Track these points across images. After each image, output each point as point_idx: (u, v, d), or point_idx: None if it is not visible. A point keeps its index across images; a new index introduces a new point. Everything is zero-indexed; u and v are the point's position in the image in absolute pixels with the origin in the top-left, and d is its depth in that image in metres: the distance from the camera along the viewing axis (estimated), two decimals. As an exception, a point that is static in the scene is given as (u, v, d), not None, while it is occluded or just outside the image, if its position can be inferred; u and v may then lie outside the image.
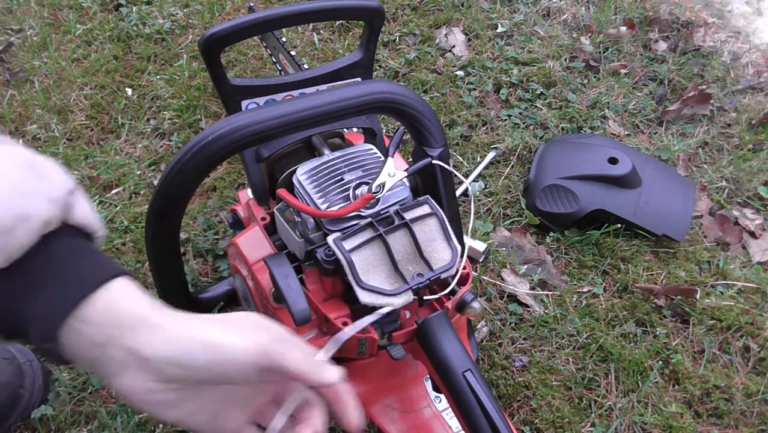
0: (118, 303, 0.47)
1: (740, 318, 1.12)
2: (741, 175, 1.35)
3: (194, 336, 0.46)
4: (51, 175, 0.48)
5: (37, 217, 0.45)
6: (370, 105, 0.72)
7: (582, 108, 1.48)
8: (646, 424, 1.00)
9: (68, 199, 0.48)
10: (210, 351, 0.45)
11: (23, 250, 0.45)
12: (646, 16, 1.72)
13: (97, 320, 0.46)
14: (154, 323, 0.46)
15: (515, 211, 1.28)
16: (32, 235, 0.45)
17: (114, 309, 0.46)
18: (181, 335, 0.46)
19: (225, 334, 0.46)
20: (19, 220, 0.44)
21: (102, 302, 0.46)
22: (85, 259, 0.48)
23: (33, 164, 0.47)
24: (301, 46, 1.59)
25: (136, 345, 0.45)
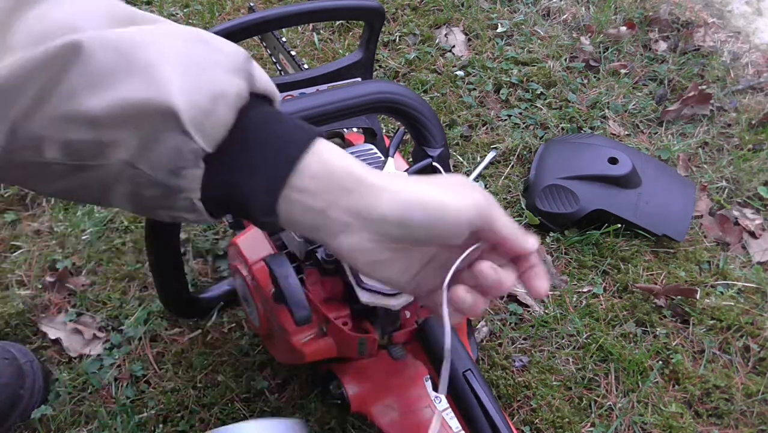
0: (331, 166, 0.46)
1: (740, 318, 1.12)
2: (741, 175, 1.35)
3: (415, 196, 0.46)
4: (223, 46, 0.47)
5: (230, 92, 0.44)
6: (370, 105, 0.72)
7: (582, 108, 1.48)
8: (646, 424, 1.00)
9: (248, 68, 0.47)
10: (431, 210, 0.45)
11: (227, 129, 0.44)
12: (646, 16, 1.72)
13: (314, 188, 0.45)
14: (374, 184, 0.45)
15: (515, 211, 1.28)
16: (231, 112, 0.44)
17: (329, 173, 0.45)
18: (402, 195, 0.45)
19: (445, 194, 0.46)
20: (216, 98, 0.43)
21: (314, 168, 0.45)
22: (283, 125, 0.47)
23: (202, 38, 0.46)
24: (301, 46, 1.59)
25: (358, 206, 0.45)
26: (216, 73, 0.44)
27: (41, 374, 0.99)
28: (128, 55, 0.42)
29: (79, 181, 0.45)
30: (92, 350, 1.05)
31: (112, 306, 1.10)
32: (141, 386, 1.01)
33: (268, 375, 1.02)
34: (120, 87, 0.42)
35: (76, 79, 0.41)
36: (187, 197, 0.46)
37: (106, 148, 0.43)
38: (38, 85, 0.41)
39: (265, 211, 0.46)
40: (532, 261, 0.49)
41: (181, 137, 0.42)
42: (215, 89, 0.43)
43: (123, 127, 0.42)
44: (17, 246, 1.18)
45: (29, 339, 1.06)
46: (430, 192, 0.46)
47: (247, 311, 0.92)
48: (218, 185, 0.46)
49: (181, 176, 0.44)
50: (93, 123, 0.42)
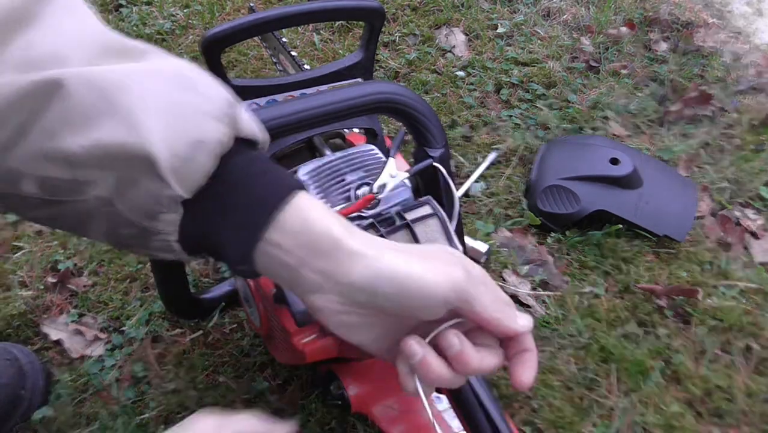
0: (311, 224, 0.45)
1: (742, 319, 1.12)
2: (742, 176, 1.35)
3: (387, 266, 0.44)
4: (209, 89, 0.45)
5: (211, 139, 0.43)
6: (370, 105, 0.72)
7: (583, 108, 1.48)
8: (648, 424, 1.00)
9: (232, 113, 0.46)
10: (399, 283, 0.44)
11: (206, 176, 0.44)
12: (646, 17, 1.72)
13: (290, 245, 0.45)
14: (350, 250, 0.45)
15: (516, 211, 1.28)
16: (211, 159, 0.44)
17: (307, 231, 0.45)
18: (374, 264, 0.44)
19: (420, 267, 0.45)
20: (196, 146, 0.43)
21: (291, 223, 0.45)
22: (264, 176, 0.46)
23: (187, 79, 0.45)
24: (301, 46, 1.59)
25: (330, 270, 0.45)
26: (198, 120, 0.43)
27: (42, 375, 0.99)
28: (110, 96, 0.41)
29: (56, 212, 0.45)
30: (94, 351, 1.05)
31: (113, 307, 1.10)
32: (142, 387, 1.01)
33: (268, 376, 1.02)
34: (100, 128, 0.41)
35: (56, 117, 0.41)
36: (164, 239, 0.46)
37: (82, 186, 0.43)
38: (18, 119, 0.40)
39: (240, 261, 0.46)
40: (522, 345, 0.48)
41: (158, 183, 0.42)
42: (196, 136, 0.43)
43: (100, 167, 0.42)
44: (19, 247, 1.18)
45: (31, 340, 1.06)
46: (404, 264, 0.45)
47: (248, 311, 0.92)
48: (195, 230, 0.46)
49: (157, 219, 0.44)
50: (71, 162, 0.41)
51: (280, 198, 0.45)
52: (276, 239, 0.45)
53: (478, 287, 0.45)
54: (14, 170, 0.42)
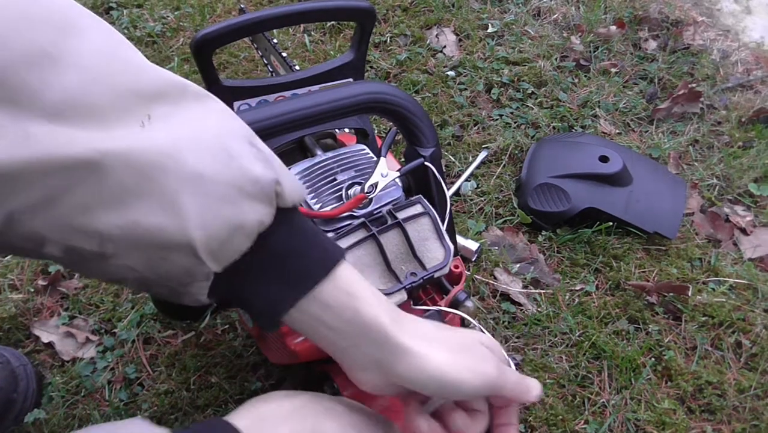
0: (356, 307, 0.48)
1: (732, 314, 1.13)
2: (731, 173, 1.36)
3: (435, 368, 0.49)
4: (251, 165, 0.43)
5: (251, 223, 0.43)
6: (361, 105, 0.73)
7: (573, 107, 1.48)
8: (640, 420, 1.00)
9: (275, 191, 0.44)
10: (444, 384, 0.49)
11: (241, 254, 0.44)
12: (635, 15, 1.73)
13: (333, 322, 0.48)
14: (399, 346, 0.48)
15: (507, 210, 1.29)
16: (248, 241, 0.43)
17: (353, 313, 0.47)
18: (422, 365, 0.48)
19: (461, 369, 0.49)
20: (234, 229, 0.42)
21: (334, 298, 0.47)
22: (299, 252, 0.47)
23: (229, 152, 0.43)
24: (292, 47, 1.59)
25: (380, 360, 0.49)
26: (238, 203, 0.42)
27: (34, 377, 0.99)
28: (148, 176, 0.40)
29: (81, 270, 0.45)
30: (85, 354, 1.05)
31: (104, 309, 1.10)
32: (134, 388, 1.01)
33: (261, 376, 1.02)
34: (137, 209, 0.40)
35: (91, 194, 0.39)
36: (194, 297, 0.46)
37: (110, 259, 0.42)
38: (51, 187, 0.38)
39: (269, 325, 0.48)
40: (509, 418, 0.55)
41: (193, 261, 0.42)
42: (235, 221, 0.42)
43: (134, 247, 0.41)
44: (9, 250, 1.17)
45: (22, 343, 1.06)
46: (447, 364, 0.49)
47: (241, 312, 0.92)
48: (226, 293, 0.47)
49: (189, 286, 0.45)
50: (102, 238, 0.40)
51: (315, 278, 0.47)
52: (316, 312, 0.47)
53: (507, 377, 0.52)
54: (38, 234, 0.40)
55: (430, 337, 0.51)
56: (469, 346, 0.52)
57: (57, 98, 0.38)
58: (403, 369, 0.48)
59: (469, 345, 0.52)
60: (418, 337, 0.50)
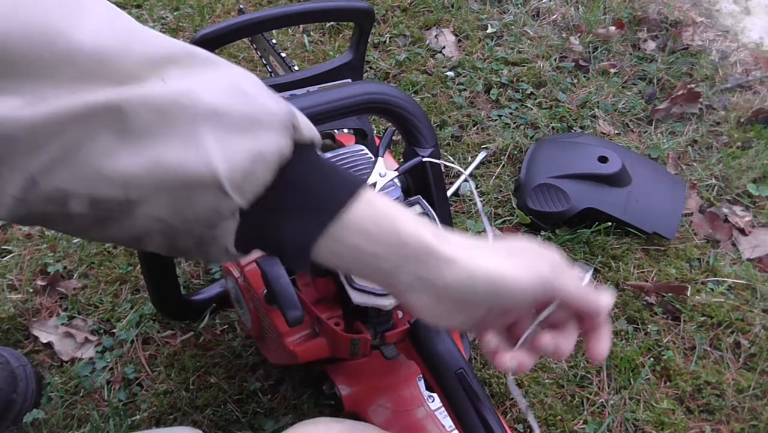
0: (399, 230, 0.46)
1: (731, 314, 1.13)
2: (730, 173, 1.36)
3: (481, 270, 0.47)
4: (267, 100, 0.45)
5: (271, 153, 0.43)
6: (360, 106, 0.73)
7: (572, 107, 1.49)
8: (638, 420, 1.00)
9: (291, 122, 0.45)
10: (494, 285, 0.47)
11: (265, 186, 0.44)
12: (634, 16, 1.73)
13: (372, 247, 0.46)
14: (443, 255, 0.46)
15: (506, 210, 1.29)
16: (271, 171, 0.44)
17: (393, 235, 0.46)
18: (469, 267, 0.47)
19: (510, 268, 0.47)
20: (256, 159, 0.42)
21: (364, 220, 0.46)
22: (327, 175, 0.47)
23: (244, 91, 0.44)
24: (291, 48, 1.59)
25: (426, 275, 0.47)
26: (258, 134, 0.43)
27: (34, 378, 0.99)
28: (169, 115, 0.40)
29: (111, 233, 0.44)
30: (84, 354, 1.05)
31: (103, 309, 1.10)
32: (133, 388, 1.01)
33: (260, 376, 1.02)
34: (159, 147, 0.40)
35: (113, 137, 0.39)
36: (222, 245, 0.46)
37: (135, 209, 0.42)
38: (71, 138, 0.38)
39: (299, 261, 0.46)
40: (598, 320, 0.51)
41: (219, 196, 0.42)
42: (256, 151, 0.42)
43: (158, 188, 0.41)
44: (8, 250, 1.17)
45: (21, 343, 1.06)
46: (496, 266, 0.47)
47: (240, 312, 0.92)
48: (254, 233, 0.46)
49: (216, 228, 0.44)
50: (125, 181, 0.40)
51: (340, 202, 0.45)
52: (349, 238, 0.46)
53: (563, 277, 0.49)
54: (61, 190, 0.40)
55: (476, 245, 0.49)
56: (522, 249, 0.49)
57: (78, 58, 0.39)
58: (451, 278, 0.46)
59: (521, 248, 0.49)
60: (463, 246, 0.48)
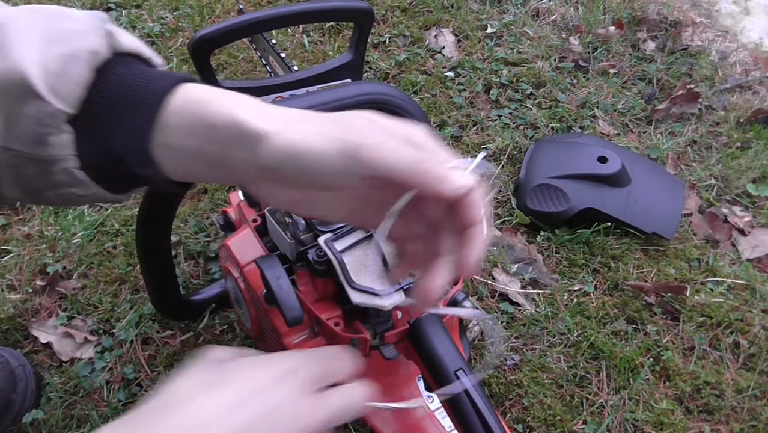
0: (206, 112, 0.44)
1: (730, 315, 1.13)
2: (730, 173, 1.36)
3: (287, 142, 0.42)
4: (82, 15, 0.47)
5: (83, 50, 0.44)
6: (360, 106, 0.73)
7: (571, 108, 1.49)
8: (638, 421, 1.00)
9: (106, 27, 0.46)
10: (297, 158, 0.42)
11: (83, 87, 0.44)
12: (634, 16, 1.73)
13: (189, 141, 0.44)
14: (254, 133, 0.43)
15: (506, 210, 1.29)
16: (85, 70, 0.44)
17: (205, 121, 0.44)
18: (276, 142, 0.42)
19: (314, 137, 0.42)
20: (68, 59, 0.43)
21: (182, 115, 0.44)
22: (146, 76, 0.46)
23: (62, 11, 0.47)
24: (291, 48, 1.59)
25: (249, 157, 0.43)
26: (69, 37, 0.44)
27: (33, 378, 0.99)
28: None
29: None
30: (84, 354, 1.05)
31: (103, 309, 1.10)
32: (133, 388, 1.01)
33: (260, 377, 1.02)
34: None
35: None
36: (65, 168, 0.45)
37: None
38: None
39: (142, 163, 0.45)
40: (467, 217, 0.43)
41: (37, 103, 0.43)
42: (67, 51, 0.44)
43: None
44: (7, 250, 1.17)
45: (20, 344, 1.06)
46: (301, 137, 0.43)
47: (239, 312, 0.92)
48: (91, 148, 0.45)
49: (48, 144, 0.44)
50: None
51: (163, 92, 0.44)
52: (178, 132, 0.44)
53: (378, 138, 0.42)
54: None
55: (297, 117, 0.45)
56: (345, 119, 0.44)
57: None
58: (267, 156, 0.42)
59: (344, 118, 0.44)
60: (280, 120, 0.44)
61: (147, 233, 0.82)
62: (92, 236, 1.20)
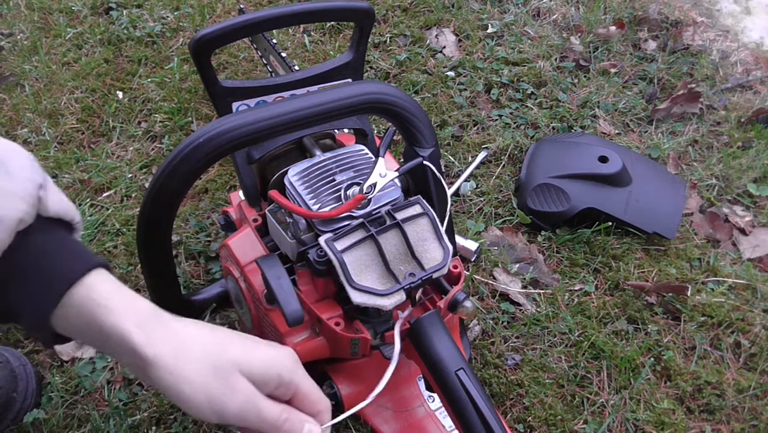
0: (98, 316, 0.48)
1: (731, 314, 1.13)
2: (730, 173, 1.36)
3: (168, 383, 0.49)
4: (18, 171, 0.48)
5: (9, 218, 0.46)
6: (361, 106, 0.73)
7: (572, 107, 1.49)
8: (639, 420, 1.00)
9: (38, 194, 0.49)
10: (174, 399, 0.50)
11: (1, 249, 0.47)
12: (635, 16, 1.73)
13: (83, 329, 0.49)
14: (145, 359, 0.49)
15: (507, 210, 1.29)
16: (7, 235, 0.46)
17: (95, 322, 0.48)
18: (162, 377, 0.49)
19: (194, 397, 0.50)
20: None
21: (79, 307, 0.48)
22: (60, 251, 0.50)
23: (5, 165, 0.48)
24: (291, 47, 1.59)
25: (137, 371, 0.50)
26: (1, 199, 0.46)
27: (34, 377, 0.99)
28: None
29: None
30: (84, 354, 1.05)
31: (104, 309, 1.10)
32: (134, 388, 1.01)
33: (261, 376, 1.02)
34: None
35: None
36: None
37: None
38: None
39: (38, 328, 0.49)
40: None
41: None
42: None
43: None
44: (8, 250, 1.17)
45: (21, 343, 1.06)
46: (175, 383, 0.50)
47: (240, 312, 0.92)
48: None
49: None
50: None
51: (72, 279, 0.48)
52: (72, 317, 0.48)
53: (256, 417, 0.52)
54: None
55: (182, 349, 0.51)
56: (223, 372, 0.51)
57: None
58: (153, 380, 0.49)
59: (223, 371, 0.51)
60: (168, 346, 0.50)
61: (148, 232, 0.82)
62: (93, 236, 1.20)
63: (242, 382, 0.51)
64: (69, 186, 1.28)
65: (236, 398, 0.51)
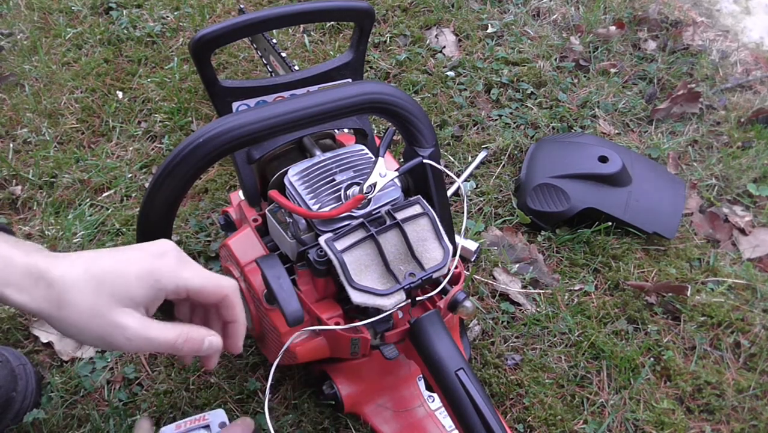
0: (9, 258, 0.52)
1: (731, 314, 1.13)
2: (730, 173, 1.36)
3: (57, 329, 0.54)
4: None
5: None
6: (361, 106, 0.73)
7: (572, 107, 1.49)
8: (639, 420, 1.00)
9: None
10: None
11: None
12: (635, 16, 1.73)
13: None
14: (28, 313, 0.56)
15: (506, 210, 1.29)
16: None
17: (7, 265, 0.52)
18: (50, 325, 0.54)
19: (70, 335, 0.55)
20: None
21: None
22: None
23: None
24: (291, 47, 1.59)
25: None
26: None
27: (34, 377, 0.99)
28: None
29: None
30: (84, 353, 1.05)
31: (104, 309, 1.10)
32: (134, 388, 1.01)
33: (261, 376, 1.02)
34: None
35: None
36: None
37: None
38: None
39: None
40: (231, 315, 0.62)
41: None
42: None
43: None
44: (8, 250, 1.17)
45: (21, 343, 1.06)
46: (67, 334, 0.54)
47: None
48: None
49: None
50: None
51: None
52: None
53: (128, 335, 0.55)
54: None
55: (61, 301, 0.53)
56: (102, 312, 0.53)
57: None
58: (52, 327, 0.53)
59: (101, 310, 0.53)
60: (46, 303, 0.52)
61: (148, 232, 0.82)
62: (93, 236, 1.20)
63: (122, 316, 0.54)
64: (69, 186, 1.28)
65: (124, 334, 0.53)
